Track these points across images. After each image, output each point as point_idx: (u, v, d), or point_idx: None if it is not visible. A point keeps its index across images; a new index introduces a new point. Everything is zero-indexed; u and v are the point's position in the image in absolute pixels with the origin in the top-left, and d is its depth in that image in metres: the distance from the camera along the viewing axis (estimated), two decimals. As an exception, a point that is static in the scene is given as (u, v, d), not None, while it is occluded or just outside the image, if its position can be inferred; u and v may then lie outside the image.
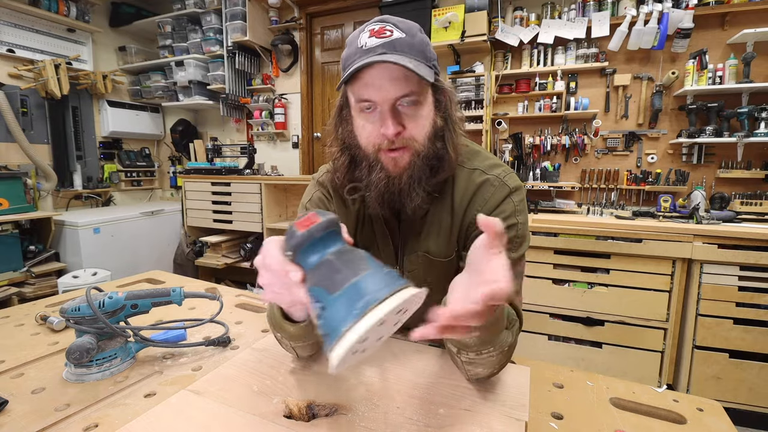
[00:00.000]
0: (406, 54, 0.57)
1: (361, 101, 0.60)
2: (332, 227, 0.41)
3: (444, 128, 0.65)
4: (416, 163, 0.63)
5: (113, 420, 0.56)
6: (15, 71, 2.80)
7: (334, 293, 0.36)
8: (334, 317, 0.35)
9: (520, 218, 0.68)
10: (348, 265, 0.38)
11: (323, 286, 0.37)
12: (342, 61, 0.62)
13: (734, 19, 2.13)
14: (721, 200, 2.11)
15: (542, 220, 2.01)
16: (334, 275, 0.37)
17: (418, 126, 0.61)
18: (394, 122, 0.59)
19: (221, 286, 1.20)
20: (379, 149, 0.62)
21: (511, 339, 0.57)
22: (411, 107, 0.60)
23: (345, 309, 0.34)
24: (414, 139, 0.61)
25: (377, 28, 0.59)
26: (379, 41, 0.57)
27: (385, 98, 0.58)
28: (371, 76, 0.57)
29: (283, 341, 0.63)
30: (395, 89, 0.58)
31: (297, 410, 0.53)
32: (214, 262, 2.97)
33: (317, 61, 3.35)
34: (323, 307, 0.37)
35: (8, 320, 0.93)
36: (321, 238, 0.41)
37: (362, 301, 0.34)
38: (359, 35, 0.60)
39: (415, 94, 0.59)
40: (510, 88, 2.61)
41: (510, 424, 0.51)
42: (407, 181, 0.63)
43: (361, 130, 0.63)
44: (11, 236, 2.49)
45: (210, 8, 3.19)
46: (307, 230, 0.40)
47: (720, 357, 1.74)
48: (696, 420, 0.59)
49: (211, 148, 3.19)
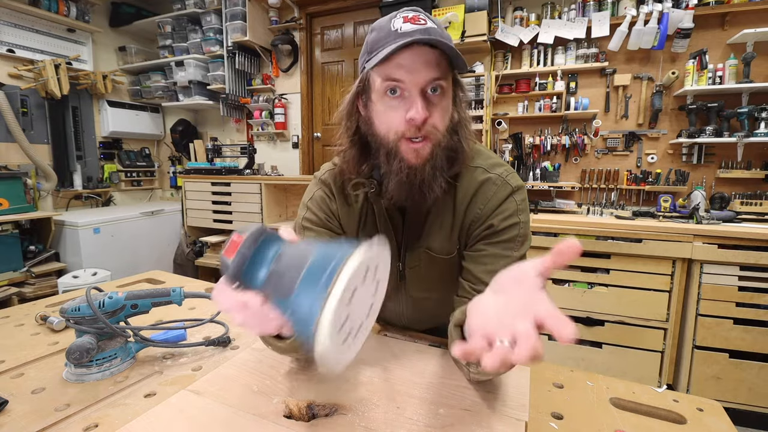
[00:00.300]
0: (443, 41, 0.57)
1: (390, 80, 0.59)
2: (260, 237, 0.39)
3: (458, 123, 0.65)
4: (438, 153, 0.62)
5: (113, 420, 0.56)
6: (15, 71, 2.80)
7: (290, 297, 0.35)
8: (302, 316, 0.34)
9: (522, 217, 0.68)
10: (291, 263, 0.36)
11: (279, 296, 0.36)
12: (369, 45, 0.61)
13: (734, 19, 2.13)
14: (721, 200, 2.11)
15: (542, 220, 2.01)
16: (282, 281, 0.36)
17: (441, 116, 0.61)
18: (423, 107, 0.58)
19: (221, 286, 1.19)
20: (401, 137, 0.61)
21: None
22: (437, 95, 0.60)
23: (307, 301, 0.33)
24: (436, 128, 0.61)
25: (411, 15, 0.59)
26: (416, 27, 0.57)
27: (417, 81, 0.58)
28: (407, 58, 0.57)
29: (276, 354, 0.63)
30: (428, 73, 0.57)
31: (297, 410, 0.53)
32: (214, 262, 2.97)
33: (317, 61, 3.35)
34: (290, 314, 0.35)
35: (8, 320, 0.93)
36: (255, 254, 0.39)
37: (319, 286, 0.32)
38: (391, 21, 0.59)
39: (444, 81, 0.59)
40: (510, 88, 2.61)
41: (510, 424, 0.51)
42: (430, 171, 0.62)
43: (383, 116, 0.62)
44: (11, 236, 2.49)
45: (210, 8, 3.19)
46: (237, 254, 0.38)
47: (720, 357, 1.74)
48: (696, 420, 0.59)
49: (211, 148, 3.19)
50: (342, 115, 0.69)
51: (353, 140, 0.68)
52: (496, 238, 0.67)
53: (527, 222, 0.69)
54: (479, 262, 0.67)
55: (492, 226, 0.67)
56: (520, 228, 0.67)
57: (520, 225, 0.67)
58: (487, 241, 0.67)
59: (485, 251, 0.67)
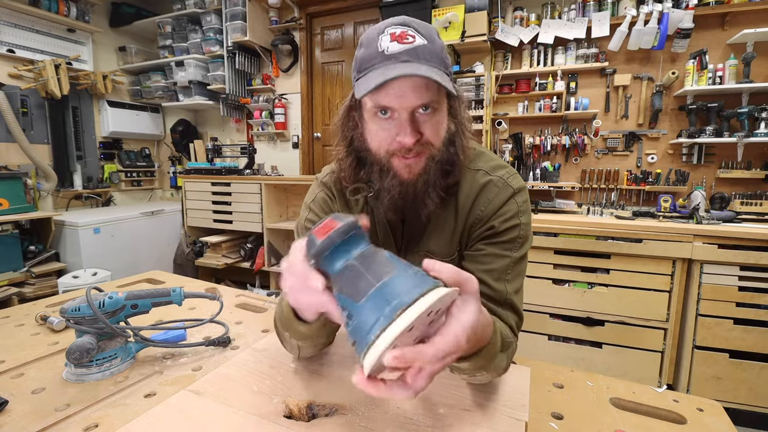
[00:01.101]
0: (429, 63, 0.56)
1: (379, 107, 0.59)
2: (352, 230, 0.40)
3: (455, 133, 0.65)
4: (431, 167, 0.62)
5: (113, 420, 0.56)
6: (15, 71, 2.81)
7: (359, 301, 0.35)
8: (361, 326, 0.34)
9: (523, 219, 0.68)
10: (371, 270, 0.37)
11: (348, 295, 0.37)
12: (358, 62, 0.60)
13: (734, 19, 2.13)
14: (721, 200, 2.11)
15: (542, 220, 2.01)
16: (357, 282, 0.36)
17: (434, 132, 0.61)
18: (413, 131, 0.58)
19: (221, 286, 1.20)
20: (392, 155, 0.61)
21: (506, 362, 0.56)
22: (428, 113, 0.60)
23: (372, 316, 0.33)
24: (431, 143, 0.61)
25: (399, 32, 0.57)
26: (402, 47, 0.56)
27: (406, 106, 0.57)
28: (393, 86, 0.56)
29: (289, 341, 0.61)
30: (416, 98, 0.57)
31: (297, 410, 0.53)
32: (214, 262, 2.97)
33: (317, 61, 3.35)
34: (350, 315, 0.36)
35: (8, 320, 0.93)
36: (342, 243, 0.40)
37: (388, 308, 0.33)
38: (378, 37, 0.58)
39: (434, 102, 0.59)
40: (510, 88, 2.61)
41: (510, 424, 0.51)
42: (422, 186, 0.63)
43: (374, 135, 0.62)
44: (11, 236, 2.49)
45: (210, 8, 3.19)
46: (327, 237, 0.39)
47: (720, 357, 1.74)
48: (696, 420, 0.59)
49: (211, 148, 3.19)
50: (337, 124, 0.69)
51: (349, 150, 0.68)
52: (497, 239, 0.67)
53: (528, 223, 0.69)
54: (478, 261, 0.67)
55: (493, 227, 0.67)
56: (520, 229, 0.67)
57: (521, 227, 0.67)
58: (487, 242, 0.68)
59: (484, 251, 0.67)
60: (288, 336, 0.60)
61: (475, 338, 0.41)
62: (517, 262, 0.67)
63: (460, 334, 0.37)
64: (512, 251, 0.66)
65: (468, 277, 0.40)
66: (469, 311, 0.38)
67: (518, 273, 0.67)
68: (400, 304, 0.32)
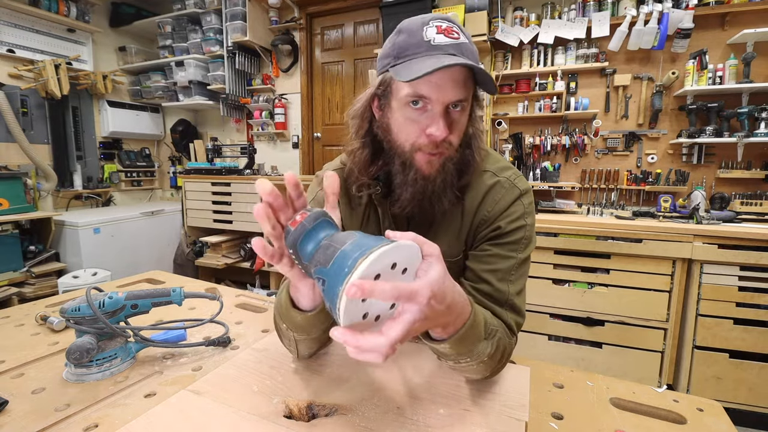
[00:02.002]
0: (473, 60, 0.57)
1: (416, 96, 0.58)
2: (321, 217, 0.44)
3: (472, 136, 0.66)
4: (449, 167, 0.63)
5: (113, 420, 0.56)
6: (15, 71, 2.81)
7: (328, 265, 0.38)
8: (333, 283, 0.37)
9: (529, 220, 0.69)
10: (339, 241, 0.40)
11: (320, 264, 0.40)
12: (397, 48, 0.59)
13: (734, 19, 2.13)
14: (721, 200, 2.11)
15: (542, 220, 2.01)
16: (327, 251, 0.40)
17: (458, 132, 0.62)
18: (446, 125, 0.58)
19: (221, 286, 1.20)
20: (417, 149, 0.61)
21: (490, 349, 0.55)
22: (458, 111, 0.60)
23: (340, 272, 0.36)
24: (451, 143, 0.61)
25: (445, 26, 0.58)
26: (450, 41, 0.57)
27: (443, 99, 0.57)
28: (436, 75, 0.55)
29: (287, 333, 0.61)
30: (455, 92, 0.57)
31: (297, 410, 0.53)
32: (214, 262, 2.97)
33: (317, 61, 3.35)
34: (324, 281, 0.39)
35: (8, 320, 0.93)
36: (313, 228, 0.43)
37: (351, 260, 0.36)
38: (423, 28, 0.58)
39: (466, 101, 0.60)
40: (510, 88, 2.61)
41: (510, 424, 0.51)
42: (441, 184, 0.63)
43: (402, 125, 0.61)
44: (11, 236, 2.49)
45: (210, 8, 3.19)
46: (299, 224, 0.43)
47: (720, 357, 1.74)
48: (696, 420, 0.59)
49: (211, 148, 3.19)
50: (356, 114, 0.68)
51: (365, 141, 0.67)
52: (502, 240, 0.67)
53: (533, 225, 0.70)
54: (482, 261, 0.67)
55: (499, 228, 0.67)
56: (526, 231, 0.68)
57: (527, 228, 0.68)
58: (492, 242, 0.68)
59: (489, 251, 0.67)
60: (285, 328, 0.60)
61: (444, 302, 0.41)
62: (521, 264, 0.67)
63: (424, 285, 0.38)
64: (517, 252, 0.67)
65: (430, 243, 0.42)
66: (434, 270, 0.40)
67: (522, 274, 0.68)
68: (361, 255, 0.36)
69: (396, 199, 0.67)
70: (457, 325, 0.47)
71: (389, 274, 0.38)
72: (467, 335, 0.48)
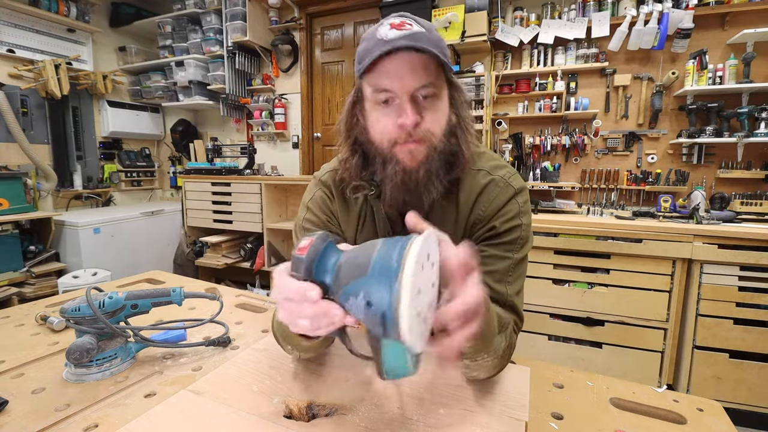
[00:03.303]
0: (428, 46, 0.56)
1: (379, 91, 0.59)
2: (330, 238, 0.43)
3: (457, 125, 0.65)
4: (433, 157, 0.62)
5: (113, 420, 0.56)
6: (15, 71, 2.80)
7: (366, 274, 0.37)
8: (379, 289, 0.35)
9: (524, 219, 0.68)
10: (362, 251, 0.39)
11: (354, 277, 0.38)
12: (358, 55, 0.61)
13: (734, 19, 2.13)
14: (721, 200, 2.11)
15: (542, 220, 2.01)
16: (357, 263, 0.38)
17: (435, 119, 0.61)
18: (413, 111, 0.58)
19: (221, 286, 1.20)
20: (395, 143, 0.61)
21: (505, 343, 0.56)
22: (429, 99, 0.59)
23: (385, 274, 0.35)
24: (431, 132, 0.61)
25: (398, 22, 0.58)
26: (401, 33, 0.57)
27: (405, 88, 0.57)
28: (392, 65, 0.56)
29: (291, 352, 0.62)
30: (415, 79, 0.57)
31: (297, 410, 0.53)
32: (214, 262, 2.97)
33: (317, 61, 3.35)
34: (364, 292, 0.37)
35: (8, 320, 0.93)
36: (325, 250, 0.42)
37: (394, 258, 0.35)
38: (378, 29, 0.59)
39: (434, 86, 0.59)
40: (510, 88, 2.61)
41: (510, 424, 0.51)
42: (425, 174, 0.62)
43: (376, 124, 0.62)
44: (11, 236, 2.49)
45: (210, 8, 3.19)
46: (311, 247, 0.41)
47: (720, 357, 1.74)
48: (696, 420, 0.59)
49: (211, 148, 3.19)
50: (341, 121, 0.69)
51: (354, 149, 0.68)
52: (498, 240, 0.67)
53: (529, 224, 0.69)
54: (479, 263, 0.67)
55: (494, 228, 0.67)
56: (521, 230, 0.67)
57: (522, 227, 0.67)
58: (488, 243, 0.67)
59: (485, 252, 0.67)
60: (290, 349, 0.61)
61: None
62: (518, 264, 0.66)
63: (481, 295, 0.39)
64: (513, 252, 0.66)
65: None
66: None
67: (519, 275, 0.67)
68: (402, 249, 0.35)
69: (383, 196, 0.67)
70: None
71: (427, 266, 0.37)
72: (485, 331, 0.48)
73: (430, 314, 0.40)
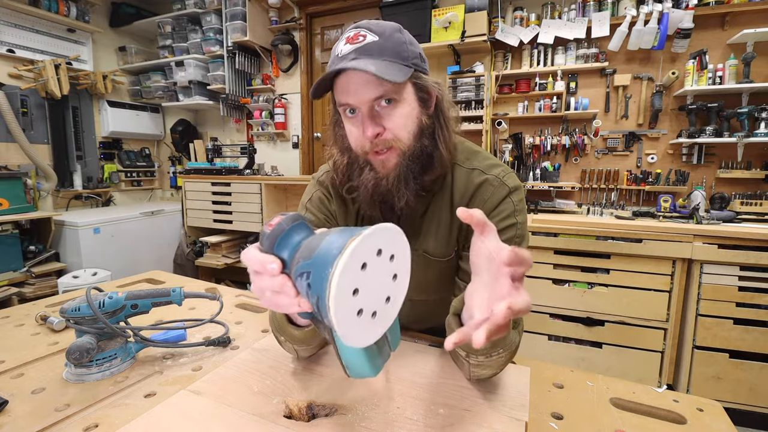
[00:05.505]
0: (375, 57, 0.57)
1: (342, 106, 0.62)
2: (298, 219, 0.43)
3: (432, 126, 0.65)
4: (403, 162, 0.63)
5: (113, 420, 0.56)
6: (15, 71, 2.80)
7: (312, 256, 0.37)
8: (319, 273, 0.35)
9: (519, 218, 0.68)
10: (322, 234, 0.40)
11: (304, 257, 0.38)
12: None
13: (734, 19, 2.13)
14: (721, 200, 2.11)
15: (542, 220, 2.01)
16: (311, 245, 0.39)
17: (398, 125, 0.61)
18: (372, 124, 0.60)
19: (221, 286, 1.20)
20: (366, 152, 0.63)
21: (518, 339, 0.58)
22: (389, 107, 0.60)
23: (325, 259, 0.35)
24: (398, 138, 0.62)
25: (352, 35, 0.60)
26: (352, 47, 0.58)
27: (361, 101, 0.59)
28: (345, 82, 0.59)
29: (286, 345, 0.63)
30: (368, 92, 0.58)
31: (297, 410, 0.53)
32: (214, 262, 2.97)
33: (317, 61, 3.35)
34: (308, 273, 0.37)
35: (8, 320, 0.93)
36: (290, 230, 0.42)
37: (336, 245, 0.35)
38: (337, 43, 0.61)
39: (391, 93, 0.59)
40: (510, 89, 2.61)
41: (510, 424, 0.51)
42: (394, 180, 0.64)
43: (350, 135, 0.65)
44: (11, 236, 2.49)
45: (210, 8, 3.19)
46: (276, 225, 0.42)
47: (720, 357, 1.74)
48: (696, 420, 0.59)
49: (211, 148, 3.19)
50: (330, 129, 0.72)
51: (342, 150, 0.70)
52: None
53: (524, 222, 0.69)
54: None
55: None
56: (517, 229, 0.67)
57: (518, 226, 0.67)
58: None
59: None
60: (283, 340, 0.62)
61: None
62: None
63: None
64: None
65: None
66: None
67: None
68: (343, 243, 0.35)
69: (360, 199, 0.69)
70: None
71: (376, 261, 0.37)
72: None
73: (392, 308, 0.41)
